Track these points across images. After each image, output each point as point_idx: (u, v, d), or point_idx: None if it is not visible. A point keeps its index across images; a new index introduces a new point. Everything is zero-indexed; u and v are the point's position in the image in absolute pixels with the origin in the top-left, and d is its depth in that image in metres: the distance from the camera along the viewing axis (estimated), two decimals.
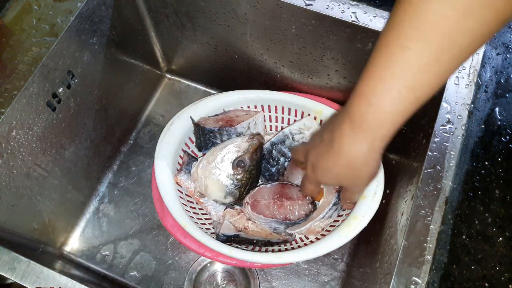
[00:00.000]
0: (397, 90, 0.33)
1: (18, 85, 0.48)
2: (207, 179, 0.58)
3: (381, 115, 0.34)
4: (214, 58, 0.72)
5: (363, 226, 0.51)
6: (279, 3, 0.54)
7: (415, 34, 0.31)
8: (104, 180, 0.74)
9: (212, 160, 0.58)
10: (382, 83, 0.33)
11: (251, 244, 0.57)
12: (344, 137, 0.37)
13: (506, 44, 0.52)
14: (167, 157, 0.58)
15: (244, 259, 0.51)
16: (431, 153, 0.46)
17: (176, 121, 0.61)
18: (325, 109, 0.61)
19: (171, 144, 0.60)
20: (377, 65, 0.34)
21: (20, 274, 0.43)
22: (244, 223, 0.58)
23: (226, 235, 0.56)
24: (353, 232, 0.50)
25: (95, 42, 0.59)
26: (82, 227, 0.71)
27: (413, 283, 0.40)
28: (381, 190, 0.53)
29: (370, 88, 0.34)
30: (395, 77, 0.32)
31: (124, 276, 0.67)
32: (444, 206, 0.43)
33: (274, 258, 0.50)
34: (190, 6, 0.62)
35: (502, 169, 0.45)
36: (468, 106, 0.48)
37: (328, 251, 0.51)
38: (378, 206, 0.52)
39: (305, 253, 0.51)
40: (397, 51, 0.32)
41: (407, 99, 0.33)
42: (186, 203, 0.59)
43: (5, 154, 0.49)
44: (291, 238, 0.58)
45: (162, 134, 0.60)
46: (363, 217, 0.51)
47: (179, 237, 0.54)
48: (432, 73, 0.32)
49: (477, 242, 0.41)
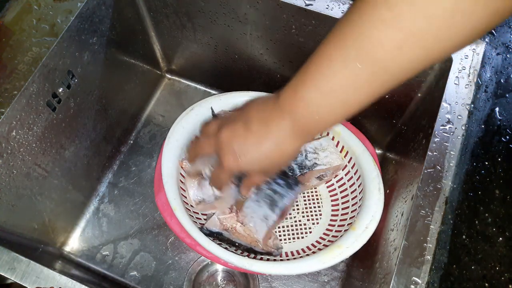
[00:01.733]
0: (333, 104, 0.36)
1: (18, 85, 0.48)
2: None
3: (318, 123, 0.38)
4: (214, 58, 0.72)
5: (344, 257, 0.50)
6: (279, 3, 0.54)
7: (354, 55, 0.33)
8: (104, 180, 0.74)
9: None
10: (321, 94, 0.36)
11: (233, 246, 0.57)
12: (281, 132, 0.40)
13: (506, 44, 0.52)
14: (178, 140, 0.59)
15: (220, 256, 0.51)
16: (431, 153, 0.46)
17: (196, 108, 0.61)
18: (343, 131, 0.60)
19: (185, 129, 0.60)
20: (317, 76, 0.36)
21: (20, 274, 0.43)
22: (233, 223, 0.57)
23: (209, 230, 0.56)
24: (332, 260, 0.50)
25: (95, 42, 0.59)
26: (82, 227, 0.71)
27: (413, 283, 0.40)
28: (374, 225, 0.52)
29: (311, 95, 0.37)
30: (334, 92, 0.36)
31: (124, 276, 0.67)
32: (444, 206, 0.43)
33: (247, 263, 0.50)
34: (190, 6, 0.62)
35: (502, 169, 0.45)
36: (468, 106, 0.48)
37: (301, 273, 0.50)
38: (366, 241, 0.51)
39: (279, 268, 0.50)
40: (338, 67, 0.34)
41: (342, 113, 0.37)
42: (184, 187, 0.59)
43: (5, 154, 0.49)
44: (276, 252, 0.57)
45: (179, 118, 0.60)
46: (347, 248, 0.50)
47: (166, 216, 0.54)
48: (364, 93, 0.35)
49: (477, 242, 0.41)
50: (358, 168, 0.59)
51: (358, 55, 0.33)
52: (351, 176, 0.61)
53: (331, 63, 0.35)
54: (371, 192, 0.55)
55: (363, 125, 0.69)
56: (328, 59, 0.35)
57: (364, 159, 0.58)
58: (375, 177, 0.56)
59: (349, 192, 0.61)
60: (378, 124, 0.69)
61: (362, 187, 0.57)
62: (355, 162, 0.59)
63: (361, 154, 0.58)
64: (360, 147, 0.59)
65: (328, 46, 0.35)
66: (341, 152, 0.62)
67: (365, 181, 0.56)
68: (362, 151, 0.59)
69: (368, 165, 0.57)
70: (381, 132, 0.70)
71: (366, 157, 0.58)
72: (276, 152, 0.41)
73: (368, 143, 0.60)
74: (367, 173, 0.57)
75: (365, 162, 0.58)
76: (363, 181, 0.57)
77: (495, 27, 0.42)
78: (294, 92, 0.39)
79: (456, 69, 0.50)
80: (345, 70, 0.34)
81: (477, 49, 0.51)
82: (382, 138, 0.72)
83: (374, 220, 0.52)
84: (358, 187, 0.59)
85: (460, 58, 0.51)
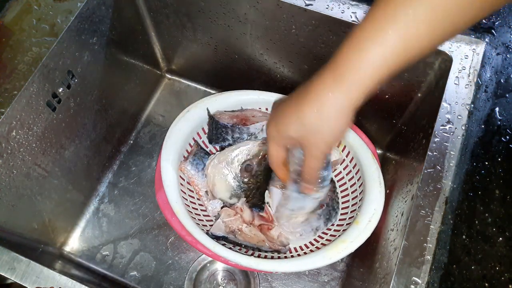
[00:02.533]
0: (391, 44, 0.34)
1: (18, 85, 0.48)
2: (215, 177, 0.58)
3: (367, 66, 0.35)
4: (214, 58, 0.72)
5: (349, 252, 0.50)
6: (279, 3, 0.54)
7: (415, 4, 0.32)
8: (104, 180, 0.74)
9: (223, 160, 0.58)
10: (380, 32, 0.34)
11: (237, 246, 0.56)
12: (323, 84, 0.37)
13: (506, 44, 0.52)
14: (176, 143, 0.58)
15: (228, 258, 0.51)
16: (431, 153, 0.46)
17: (192, 109, 0.61)
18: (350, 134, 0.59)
19: (182, 131, 0.59)
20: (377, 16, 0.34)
21: (20, 274, 0.43)
22: (238, 224, 0.57)
23: (215, 235, 0.56)
24: (338, 255, 0.50)
25: (95, 42, 0.59)
26: (82, 227, 0.71)
27: (413, 283, 0.40)
28: (376, 219, 0.52)
29: (366, 34, 0.35)
30: (395, 31, 0.33)
31: (124, 276, 0.67)
32: (444, 206, 0.43)
33: (254, 263, 0.50)
34: (190, 6, 0.62)
35: (502, 169, 0.45)
36: (468, 106, 0.48)
37: (308, 269, 0.50)
38: (370, 234, 0.51)
39: (286, 265, 0.50)
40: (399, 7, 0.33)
41: (398, 57, 0.34)
42: (185, 190, 0.59)
43: (5, 154, 0.49)
44: (284, 249, 0.57)
45: (176, 119, 0.60)
46: (351, 242, 0.50)
47: (167, 214, 0.54)
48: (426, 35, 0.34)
49: (477, 242, 0.41)
50: (356, 162, 0.59)
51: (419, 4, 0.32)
52: (349, 170, 0.61)
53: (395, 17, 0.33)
54: (372, 185, 0.55)
55: (363, 125, 0.69)
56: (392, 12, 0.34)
57: (363, 153, 0.58)
58: (375, 171, 0.56)
59: (349, 186, 0.61)
60: (378, 124, 0.69)
61: (361, 181, 0.57)
62: (353, 156, 0.59)
63: (359, 148, 0.58)
64: (358, 141, 0.59)
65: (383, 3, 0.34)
66: (339, 146, 0.61)
67: (365, 175, 0.56)
68: (360, 145, 0.58)
69: (367, 159, 0.57)
70: (381, 132, 0.70)
71: (365, 151, 0.58)
72: (316, 105, 0.38)
73: (365, 137, 0.60)
74: (366, 167, 0.56)
75: (364, 156, 0.57)
76: (362, 175, 0.57)
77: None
78: (357, 53, 0.35)
79: (456, 69, 0.50)
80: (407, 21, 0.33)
81: (477, 49, 0.51)
82: (382, 138, 0.72)
83: (376, 213, 0.52)
84: (358, 181, 0.58)
85: (460, 58, 0.51)
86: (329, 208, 0.57)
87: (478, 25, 0.53)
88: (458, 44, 0.51)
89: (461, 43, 0.51)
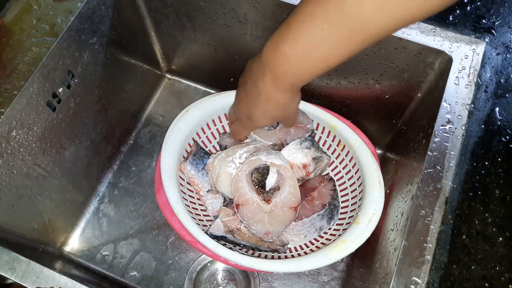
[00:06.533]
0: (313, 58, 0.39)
1: (18, 85, 0.48)
2: (221, 169, 0.58)
3: (299, 76, 0.42)
4: (214, 58, 0.72)
5: (350, 251, 0.50)
6: (279, 3, 0.54)
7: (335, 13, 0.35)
8: (104, 180, 0.74)
9: (231, 154, 0.58)
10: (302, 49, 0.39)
11: (237, 246, 0.56)
12: (268, 89, 0.45)
13: (506, 44, 0.52)
14: (175, 144, 0.58)
15: (228, 258, 0.50)
16: (431, 153, 0.46)
17: (191, 109, 0.61)
18: (340, 124, 0.60)
19: (182, 131, 0.59)
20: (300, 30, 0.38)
21: (20, 274, 0.43)
22: (237, 224, 0.57)
23: (214, 235, 0.56)
24: (339, 255, 0.50)
25: (95, 42, 0.59)
26: (82, 227, 0.71)
27: (413, 283, 0.40)
28: (376, 219, 0.52)
29: (293, 50, 0.39)
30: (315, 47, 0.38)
31: (124, 276, 0.67)
32: (444, 206, 0.43)
33: (255, 263, 0.50)
34: (190, 6, 0.62)
35: (502, 169, 0.45)
36: (468, 106, 0.48)
37: (310, 269, 0.50)
38: (370, 234, 0.51)
39: (288, 266, 0.50)
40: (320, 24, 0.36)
41: (322, 67, 0.40)
42: (185, 191, 0.59)
43: (5, 154, 0.49)
44: (282, 249, 0.57)
45: (175, 119, 0.60)
46: (352, 242, 0.51)
47: (167, 214, 0.54)
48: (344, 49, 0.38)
49: (477, 242, 0.41)
50: (356, 162, 0.58)
51: (339, 13, 0.35)
52: (349, 170, 0.61)
53: (313, 20, 0.37)
54: (372, 185, 0.55)
55: (363, 125, 0.69)
56: (310, 16, 0.37)
57: (362, 152, 0.58)
58: (375, 170, 0.55)
59: (348, 186, 0.61)
60: (378, 124, 0.69)
61: (361, 181, 0.57)
62: (352, 155, 0.59)
63: (358, 147, 0.58)
64: (357, 140, 0.59)
65: (310, 4, 0.37)
66: (338, 146, 0.61)
67: (365, 174, 0.56)
68: (360, 144, 0.58)
69: (367, 159, 0.57)
70: (381, 132, 0.70)
71: (364, 150, 0.58)
72: (271, 104, 0.47)
73: (365, 137, 0.60)
74: (365, 167, 0.56)
75: (363, 156, 0.57)
76: (362, 175, 0.57)
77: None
78: (276, 48, 0.41)
79: (456, 69, 0.50)
80: (326, 27, 0.36)
81: (477, 49, 0.51)
82: (382, 138, 0.72)
83: (376, 213, 0.52)
84: (357, 181, 0.58)
85: (460, 58, 0.51)
86: (331, 207, 0.57)
87: (478, 25, 0.53)
88: (458, 44, 0.51)
89: (461, 43, 0.51)
